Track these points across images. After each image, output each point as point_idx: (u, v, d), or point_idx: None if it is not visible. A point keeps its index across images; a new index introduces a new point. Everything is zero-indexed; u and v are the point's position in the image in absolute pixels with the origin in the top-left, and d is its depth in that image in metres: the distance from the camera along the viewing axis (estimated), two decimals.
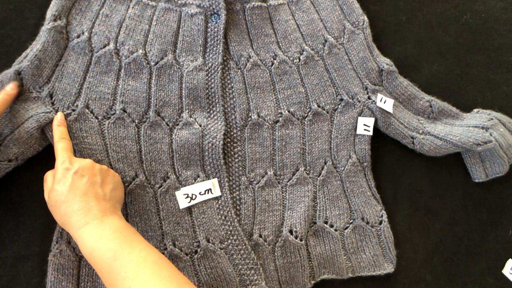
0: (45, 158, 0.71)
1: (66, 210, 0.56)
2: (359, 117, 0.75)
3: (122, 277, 0.50)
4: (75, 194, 0.57)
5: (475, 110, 0.79)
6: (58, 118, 0.65)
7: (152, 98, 0.70)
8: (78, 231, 0.55)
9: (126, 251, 0.53)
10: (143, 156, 0.69)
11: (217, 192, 0.69)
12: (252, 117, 0.73)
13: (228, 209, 0.69)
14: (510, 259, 0.78)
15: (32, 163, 0.71)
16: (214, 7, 0.72)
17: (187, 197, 0.68)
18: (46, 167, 0.71)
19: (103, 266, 0.52)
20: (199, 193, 0.69)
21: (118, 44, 0.70)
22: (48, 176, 0.62)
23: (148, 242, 0.56)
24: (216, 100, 0.72)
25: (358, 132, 0.75)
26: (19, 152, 0.64)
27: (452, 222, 0.78)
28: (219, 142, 0.70)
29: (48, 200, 0.59)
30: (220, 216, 0.69)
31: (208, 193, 0.69)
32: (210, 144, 0.70)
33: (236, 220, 0.69)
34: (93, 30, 0.69)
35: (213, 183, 0.69)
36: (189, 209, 0.69)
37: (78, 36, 0.69)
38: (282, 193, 0.73)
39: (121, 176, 0.65)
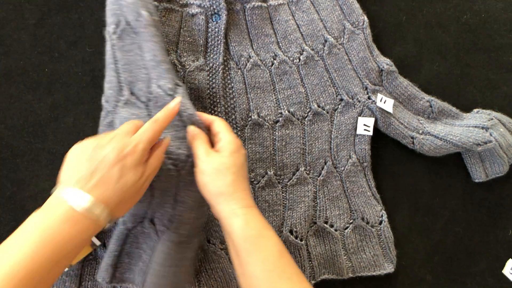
0: (44, 158, 0.71)
1: (243, 182, 0.55)
2: (359, 117, 0.75)
3: (287, 277, 0.49)
4: (245, 176, 0.56)
5: (475, 110, 0.79)
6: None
7: None
8: (247, 208, 0.53)
9: (286, 251, 0.52)
10: None
11: None
12: (252, 117, 0.73)
13: None
14: (510, 259, 0.78)
15: (32, 163, 0.71)
16: (214, 7, 0.72)
17: None
18: (46, 167, 0.71)
19: (269, 258, 0.50)
20: None
21: None
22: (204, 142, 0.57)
23: None
24: (218, 100, 0.72)
25: (358, 132, 0.75)
26: None
27: (452, 222, 0.78)
28: None
29: (238, 158, 0.55)
30: None
31: None
32: None
33: None
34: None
35: None
36: None
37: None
38: (282, 193, 0.73)
39: None
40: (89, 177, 0.47)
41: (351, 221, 0.73)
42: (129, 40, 0.62)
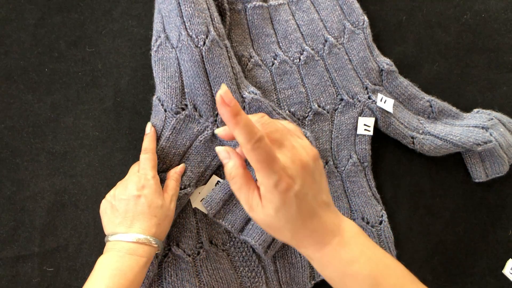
0: (44, 158, 0.71)
1: (303, 228, 0.44)
2: (359, 117, 0.75)
3: None
4: (304, 217, 0.45)
5: (475, 110, 0.79)
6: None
7: None
8: (317, 253, 0.45)
9: (384, 275, 0.44)
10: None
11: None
12: None
13: None
14: (510, 259, 0.78)
15: (32, 163, 0.71)
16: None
17: None
18: (46, 167, 0.71)
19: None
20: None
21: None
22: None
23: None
24: None
25: (358, 132, 0.75)
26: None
27: (452, 222, 0.78)
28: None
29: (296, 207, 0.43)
30: None
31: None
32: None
33: None
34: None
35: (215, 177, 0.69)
36: (193, 211, 0.68)
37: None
38: None
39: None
40: (125, 220, 0.57)
41: None
42: (218, 51, 0.64)
